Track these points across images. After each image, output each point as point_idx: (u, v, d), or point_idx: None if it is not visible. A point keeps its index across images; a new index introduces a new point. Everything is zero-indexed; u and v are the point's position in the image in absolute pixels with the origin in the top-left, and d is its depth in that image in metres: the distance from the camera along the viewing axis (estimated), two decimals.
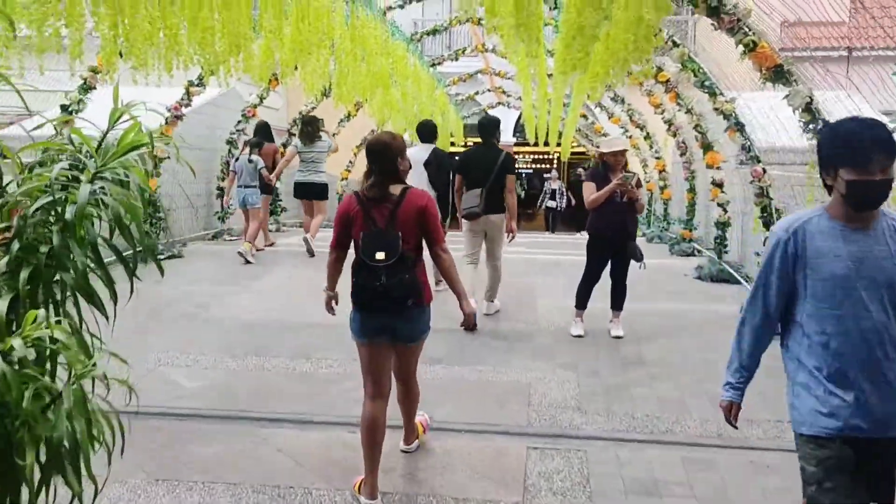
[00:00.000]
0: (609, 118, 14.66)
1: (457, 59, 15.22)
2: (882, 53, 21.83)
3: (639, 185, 5.98)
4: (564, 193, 19.66)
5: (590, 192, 6.04)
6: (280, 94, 23.00)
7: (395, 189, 3.52)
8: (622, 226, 6.05)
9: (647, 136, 12.74)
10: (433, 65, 14.99)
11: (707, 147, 8.40)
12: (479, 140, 7.04)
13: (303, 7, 7.47)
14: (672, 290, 8.05)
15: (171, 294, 7.52)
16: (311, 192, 9.97)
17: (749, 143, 6.54)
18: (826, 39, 21.81)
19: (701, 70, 6.86)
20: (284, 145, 13.16)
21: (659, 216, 12.81)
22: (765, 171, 6.28)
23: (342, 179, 17.28)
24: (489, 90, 20.10)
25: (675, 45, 6.60)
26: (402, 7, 11.11)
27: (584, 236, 6.48)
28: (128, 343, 6.12)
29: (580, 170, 20.30)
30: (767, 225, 6.40)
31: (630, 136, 14.77)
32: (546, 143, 18.88)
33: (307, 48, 8.26)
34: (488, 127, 7.02)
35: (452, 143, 21.06)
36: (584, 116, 16.11)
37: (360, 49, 10.01)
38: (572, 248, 11.83)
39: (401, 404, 3.89)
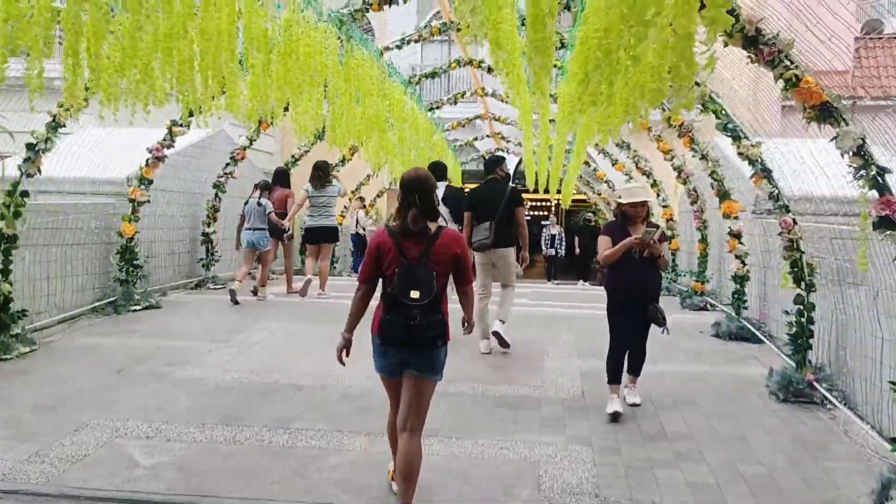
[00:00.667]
0: (613, 164, 14.19)
1: (455, 104, 14.83)
2: (887, 103, 21.71)
3: (662, 238, 5.28)
4: (563, 239, 19.01)
5: (605, 247, 5.31)
6: (275, 138, 22.67)
7: (432, 225, 3.57)
8: (641, 284, 5.29)
9: (654, 184, 12.23)
10: (431, 109, 14.59)
11: (724, 195, 7.86)
12: (476, 185, 7.53)
13: (292, 42, 6.97)
14: (689, 349, 7.41)
15: (141, 350, 6.88)
16: (321, 236, 10.04)
17: (777, 191, 5.97)
18: (831, 89, 21.63)
19: (723, 112, 6.34)
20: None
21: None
22: (795, 221, 5.70)
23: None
24: (488, 136, 19.73)
25: (696, 83, 6.09)
26: (399, 48, 10.68)
27: (585, 287, 6.32)
28: (82, 409, 5.55)
29: (589, 214, 19.89)
30: (798, 281, 5.80)
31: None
32: (546, 191, 18.40)
33: (297, 87, 7.77)
34: (494, 163, 7.54)
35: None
36: (587, 163, 15.64)
37: (355, 90, 9.54)
38: (576, 299, 11.22)
39: (401, 470, 3.59)
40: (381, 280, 3.60)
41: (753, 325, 7.73)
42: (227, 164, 10.84)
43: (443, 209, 7.13)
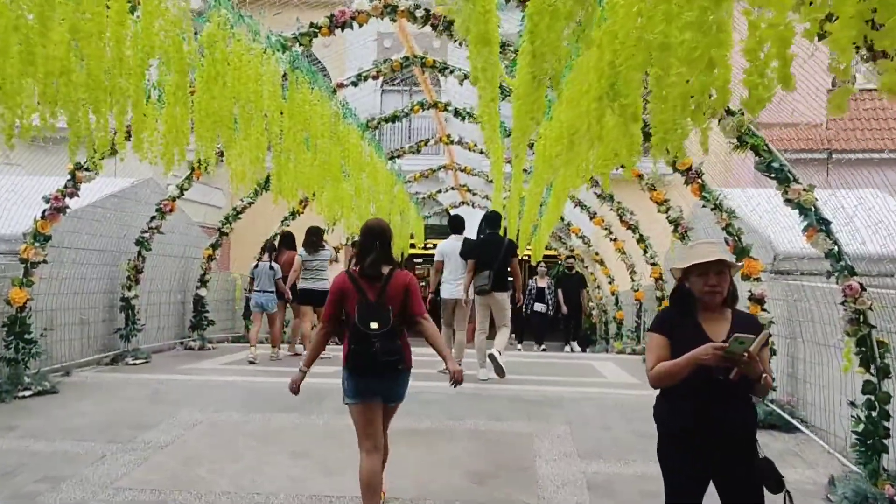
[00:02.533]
0: (591, 218, 12.96)
1: (418, 152, 13.55)
2: (863, 157, 21.13)
3: (765, 343, 2.95)
4: (554, 293, 15.79)
5: (657, 352, 3.02)
6: (223, 190, 21.11)
7: (386, 269, 3.99)
8: (727, 422, 2.96)
9: (641, 239, 11.00)
10: (392, 157, 13.28)
11: (742, 252, 6.57)
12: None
13: (217, 64, 5.56)
14: None
15: (10, 457, 5.21)
16: (315, 299, 9.93)
17: (838, 247, 4.67)
18: (804, 142, 21.00)
19: (766, 147, 5.02)
20: (213, 246, 11.10)
21: None
22: (863, 287, 4.39)
23: None
24: (452, 188, 18.48)
25: (731, 112, 4.82)
26: (355, 84, 9.38)
27: (574, 353, 5.25)
28: None
29: (569, 259, 16.37)
30: (867, 364, 4.47)
31: (615, 239, 13.08)
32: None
33: (227, 122, 6.36)
34: (494, 219, 9.03)
35: (413, 245, 19.21)
36: (562, 218, 14.44)
37: (303, 131, 8.15)
38: (566, 371, 9.74)
39: (364, 483, 3.90)
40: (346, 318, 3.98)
41: (784, 411, 6.36)
42: (153, 218, 9.28)
43: (460, 261, 8.62)
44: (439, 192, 18.59)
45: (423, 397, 7.22)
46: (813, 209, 4.85)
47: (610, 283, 15.17)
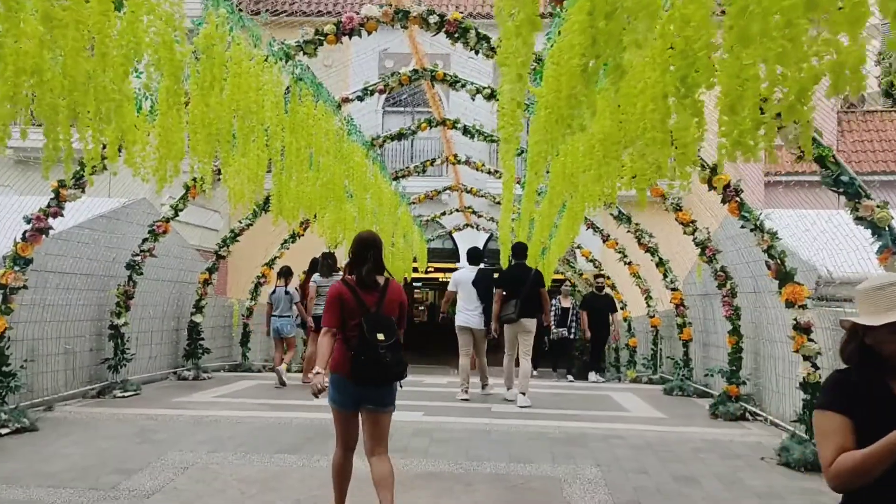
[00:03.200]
0: (604, 241, 12.42)
1: (424, 171, 13.02)
2: (869, 179, 20.68)
3: None
4: (576, 315, 13.76)
5: (837, 439, 2.05)
6: (220, 213, 20.60)
7: (380, 278, 4.16)
8: None
9: (661, 263, 10.45)
10: (396, 178, 12.76)
11: (785, 277, 6.01)
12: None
13: (214, 69, 5.03)
14: (760, 490, 5.38)
15: None
16: None
17: None
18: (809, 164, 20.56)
19: (833, 158, 4.47)
20: (210, 270, 10.54)
21: (678, 361, 10.31)
22: None
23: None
24: (457, 210, 17.95)
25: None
26: (360, 98, 8.88)
27: (599, 382, 4.69)
28: None
29: (600, 279, 13.73)
30: None
31: (630, 263, 12.53)
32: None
33: (225, 134, 5.83)
34: (521, 250, 9.36)
35: (416, 270, 18.64)
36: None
37: (306, 147, 7.63)
38: (587, 403, 9.10)
39: (379, 486, 3.96)
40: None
41: None
42: (145, 240, 8.72)
43: (473, 291, 8.98)
44: (443, 214, 18.06)
45: (438, 435, 6.63)
46: (888, 229, 4.31)
47: (622, 308, 14.59)
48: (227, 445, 6.16)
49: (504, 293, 8.77)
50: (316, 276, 10.20)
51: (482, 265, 9.50)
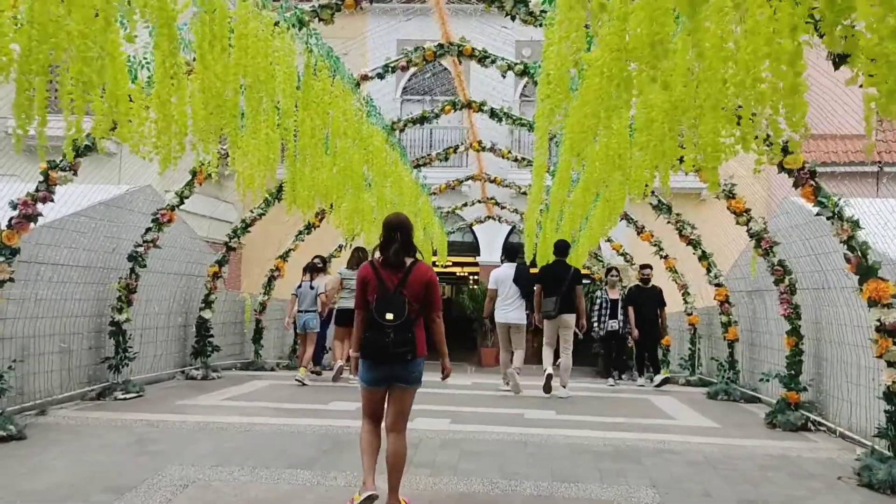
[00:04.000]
0: (638, 233, 11.64)
1: (446, 159, 12.26)
2: None
3: None
4: (624, 311, 11.62)
5: None
6: (234, 205, 20.04)
7: (408, 259, 4.28)
8: None
9: (704, 256, 9.67)
10: (417, 166, 12.04)
11: (867, 272, 5.24)
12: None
13: (216, 26, 4.33)
14: None
15: None
16: (352, 319, 9.15)
17: None
18: (854, 154, 19.61)
19: None
20: (220, 263, 9.90)
21: (722, 362, 9.53)
22: None
23: None
24: (479, 201, 17.20)
25: None
26: (381, 76, 8.15)
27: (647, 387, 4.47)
28: None
29: (647, 270, 11.49)
30: None
31: (666, 257, 11.75)
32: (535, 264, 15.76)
33: (231, 108, 5.17)
34: (563, 248, 9.43)
35: (435, 264, 17.93)
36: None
37: (322, 127, 6.95)
38: (627, 409, 8.35)
39: (389, 463, 4.18)
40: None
41: None
42: (149, 230, 8.07)
43: (513, 287, 9.25)
44: (464, 205, 17.33)
45: (468, 447, 5.92)
46: None
47: None
48: (234, 458, 5.47)
49: (543, 289, 9.16)
50: (342, 269, 10.06)
51: (518, 261, 9.69)
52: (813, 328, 7.45)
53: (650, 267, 11.52)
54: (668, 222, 9.72)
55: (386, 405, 4.32)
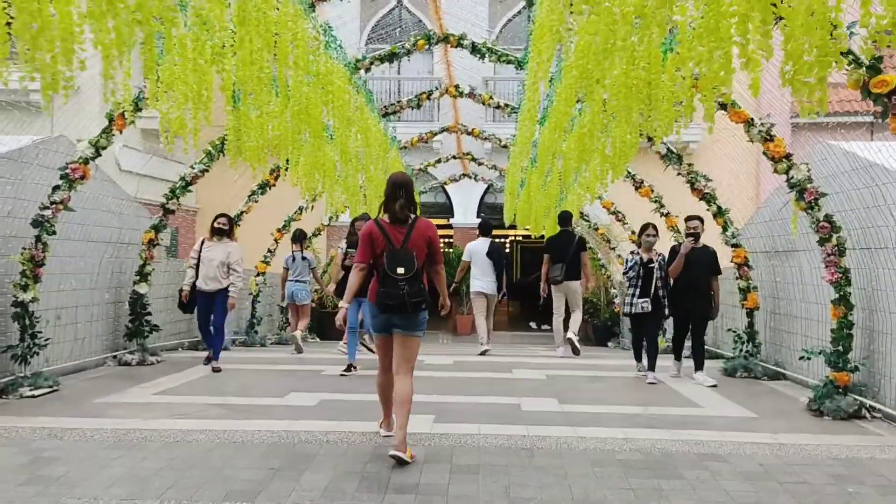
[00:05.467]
0: (636, 188, 10.36)
1: (419, 106, 10.76)
2: None
3: None
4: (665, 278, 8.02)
5: None
6: (187, 166, 18.34)
7: (411, 216, 4.65)
8: None
9: (720, 213, 8.42)
10: (386, 114, 10.55)
11: None
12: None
13: None
14: None
15: None
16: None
17: None
18: (847, 104, 18.51)
19: None
20: (156, 228, 8.42)
21: (740, 333, 8.34)
22: None
23: (257, 275, 12.43)
24: (454, 157, 15.79)
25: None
26: None
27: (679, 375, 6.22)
28: None
29: (695, 222, 7.93)
30: None
31: (668, 214, 10.51)
32: (512, 226, 14.42)
33: (133, 20, 3.76)
34: (567, 218, 10.17)
35: None
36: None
37: (265, 50, 5.52)
38: (644, 396, 7.14)
39: (396, 402, 4.57)
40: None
41: None
42: (56, 189, 6.56)
43: (487, 261, 10.12)
44: (437, 161, 15.88)
45: (461, 459, 4.62)
46: None
47: None
48: (151, 487, 4.10)
49: (550, 258, 9.85)
50: (343, 244, 9.44)
51: (492, 239, 10.40)
52: (862, 296, 6.26)
53: (700, 219, 7.87)
54: (679, 174, 8.43)
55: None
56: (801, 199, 6.15)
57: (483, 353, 9.87)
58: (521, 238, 28.03)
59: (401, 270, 4.44)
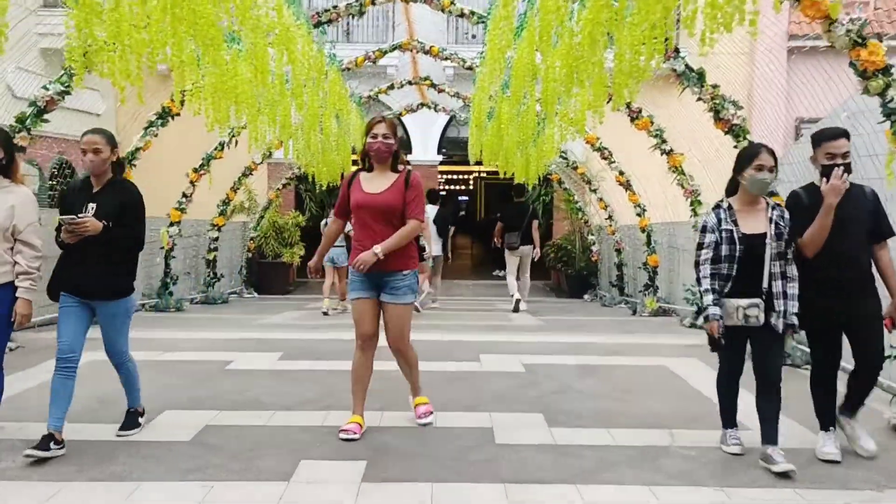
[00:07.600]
0: (632, 120, 8.38)
1: (362, 14, 8.42)
2: None
3: None
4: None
5: None
6: (101, 92, 15.68)
7: (400, 167, 4.33)
8: None
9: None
10: (319, 24, 8.29)
11: None
12: None
13: None
14: None
15: None
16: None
17: None
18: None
19: None
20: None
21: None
22: None
23: (171, 224, 10.30)
24: (409, 83, 13.56)
25: None
26: None
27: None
28: None
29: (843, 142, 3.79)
30: None
31: (670, 152, 8.59)
32: (476, 163, 12.39)
33: None
34: (521, 190, 11.10)
35: (356, 164, 14.42)
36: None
37: None
38: (665, 395, 5.17)
39: (404, 374, 4.52)
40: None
41: None
42: None
43: (432, 227, 10.48)
44: (390, 87, 13.60)
45: None
46: None
47: (639, 215, 10.82)
48: None
49: (505, 226, 10.65)
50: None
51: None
52: None
53: (846, 135, 3.84)
54: (700, 98, 6.41)
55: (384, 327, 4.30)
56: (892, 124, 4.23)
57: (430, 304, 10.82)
58: (486, 174, 25.99)
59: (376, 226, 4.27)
